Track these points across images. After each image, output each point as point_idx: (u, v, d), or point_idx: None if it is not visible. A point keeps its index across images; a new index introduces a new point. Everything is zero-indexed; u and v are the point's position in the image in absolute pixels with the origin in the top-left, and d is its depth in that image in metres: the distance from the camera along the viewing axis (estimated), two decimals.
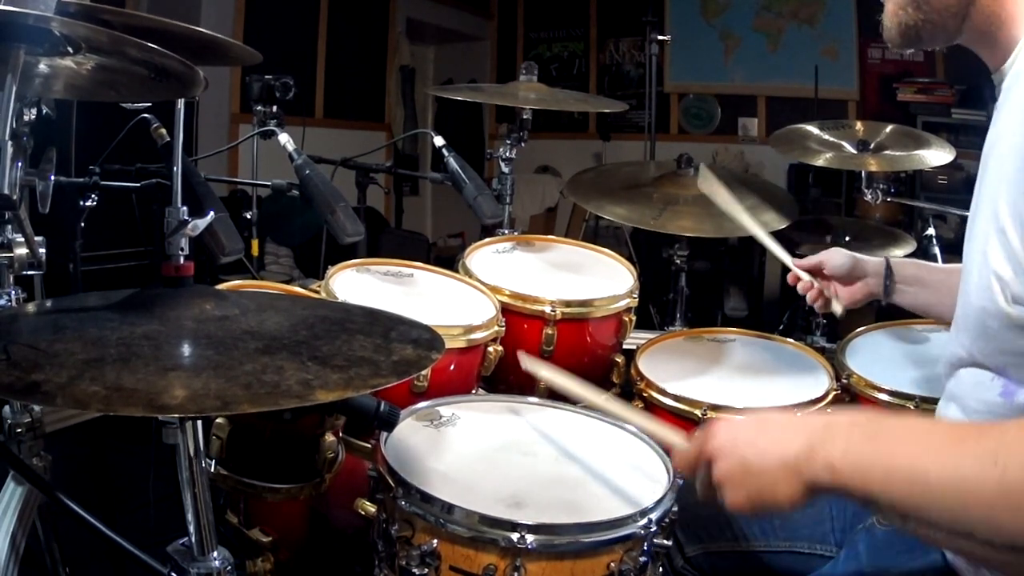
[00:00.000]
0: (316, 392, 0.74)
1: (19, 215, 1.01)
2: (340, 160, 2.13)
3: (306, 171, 1.52)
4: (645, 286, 1.86)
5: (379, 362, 0.84)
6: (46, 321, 0.90)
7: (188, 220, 1.10)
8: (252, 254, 2.68)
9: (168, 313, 0.86)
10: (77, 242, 1.67)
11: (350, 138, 4.74)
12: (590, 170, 2.35)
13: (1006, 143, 0.88)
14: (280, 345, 0.84)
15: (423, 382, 1.40)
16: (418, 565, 0.98)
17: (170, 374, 0.75)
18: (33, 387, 0.67)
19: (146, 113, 1.34)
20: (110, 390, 0.69)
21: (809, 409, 1.54)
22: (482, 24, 6.76)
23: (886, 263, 1.43)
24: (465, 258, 1.78)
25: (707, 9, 5.97)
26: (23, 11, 0.84)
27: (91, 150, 1.59)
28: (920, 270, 1.42)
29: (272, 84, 1.86)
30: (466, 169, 1.84)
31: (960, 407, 1.00)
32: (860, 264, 1.45)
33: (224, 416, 1.30)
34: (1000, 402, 0.91)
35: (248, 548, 1.32)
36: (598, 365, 1.76)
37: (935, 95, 4.91)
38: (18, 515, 1.12)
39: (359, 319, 1.00)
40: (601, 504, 1.07)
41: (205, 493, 0.89)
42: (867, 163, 2.25)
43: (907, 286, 1.41)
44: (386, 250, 3.39)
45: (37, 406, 1.20)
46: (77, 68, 0.99)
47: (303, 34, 5.05)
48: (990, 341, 0.91)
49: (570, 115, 6.36)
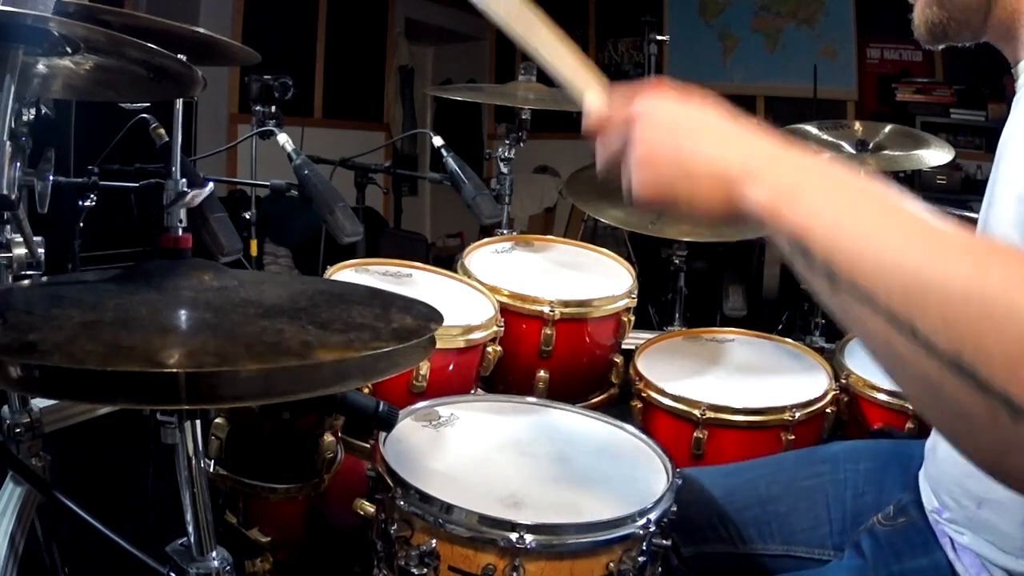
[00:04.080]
0: (316, 351, 0.72)
1: (18, 215, 1.01)
2: (339, 160, 2.13)
3: (305, 171, 1.52)
4: (644, 286, 1.86)
5: (379, 328, 0.83)
6: (43, 293, 0.89)
7: (187, 192, 1.09)
8: (251, 254, 2.68)
9: (166, 283, 0.85)
10: (76, 242, 1.67)
11: (349, 138, 4.74)
12: (589, 167, 2.34)
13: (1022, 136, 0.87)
14: (279, 312, 0.83)
15: (422, 382, 1.41)
16: (417, 565, 0.98)
17: (168, 334, 0.74)
18: (30, 347, 0.66)
19: (145, 113, 1.34)
20: (107, 348, 0.67)
21: (807, 410, 1.55)
22: (481, 24, 6.74)
23: None
24: (464, 258, 1.78)
25: (706, 9, 5.98)
26: (22, 11, 0.84)
27: (90, 150, 1.59)
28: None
29: (271, 84, 1.86)
30: (465, 169, 1.84)
31: None
32: None
33: (223, 415, 1.30)
34: None
35: (247, 548, 1.32)
36: (597, 365, 1.77)
37: (934, 95, 4.92)
38: (17, 515, 1.12)
39: (359, 294, 0.99)
40: (600, 504, 1.07)
41: (204, 493, 0.89)
42: (866, 163, 2.25)
43: None
44: (385, 250, 3.40)
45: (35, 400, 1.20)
46: (76, 68, 0.99)
47: (302, 34, 5.05)
48: None
49: (569, 115, 6.27)
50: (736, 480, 1.26)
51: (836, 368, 1.71)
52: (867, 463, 1.22)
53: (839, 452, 1.27)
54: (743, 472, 1.29)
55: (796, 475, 1.24)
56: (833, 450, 1.29)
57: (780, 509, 1.20)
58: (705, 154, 0.67)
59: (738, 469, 1.30)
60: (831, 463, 1.24)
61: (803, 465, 1.26)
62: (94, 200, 1.40)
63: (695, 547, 1.22)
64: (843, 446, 1.30)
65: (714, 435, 1.53)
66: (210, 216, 1.26)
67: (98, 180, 1.38)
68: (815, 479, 1.23)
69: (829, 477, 1.22)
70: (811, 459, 1.27)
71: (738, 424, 1.53)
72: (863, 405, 1.65)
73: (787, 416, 1.52)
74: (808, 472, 1.24)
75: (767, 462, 1.31)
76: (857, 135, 2.35)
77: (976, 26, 0.97)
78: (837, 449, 1.28)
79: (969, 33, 0.99)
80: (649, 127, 0.71)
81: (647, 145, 0.71)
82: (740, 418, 1.53)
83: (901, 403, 1.58)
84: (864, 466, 1.21)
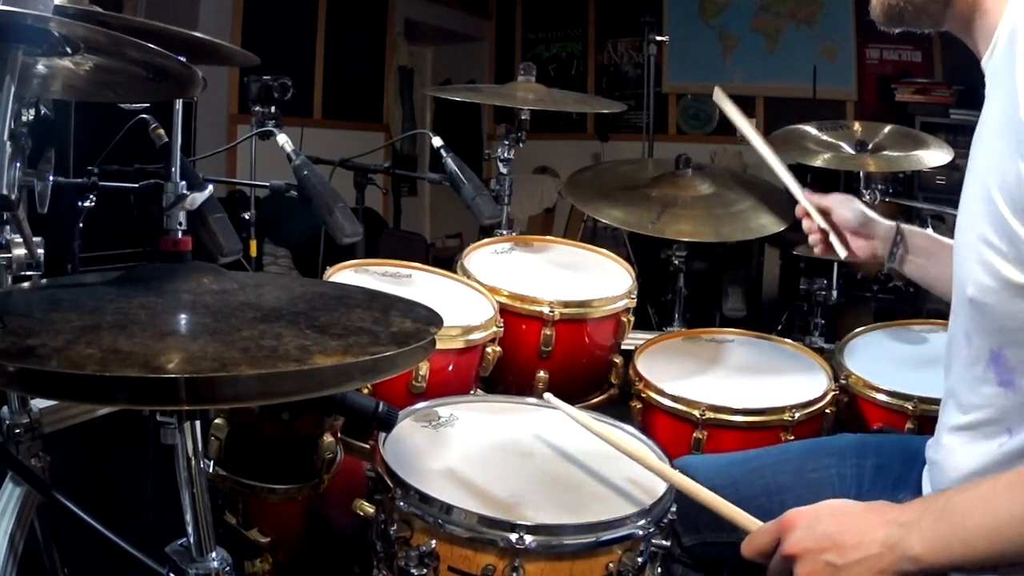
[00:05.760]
0: (315, 356, 0.73)
1: (17, 216, 1.01)
2: (338, 161, 2.13)
3: (304, 172, 1.52)
4: (643, 286, 1.86)
5: (378, 332, 0.83)
6: (42, 296, 0.89)
7: (186, 194, 1.09)
8: (250, 255, 2.67)
9: (165, 286, 0.85)
10: (75, 243, 1.67)
11: (348, 139, 4.73)
12: (588, 169, 2.35)
13: (990, 129, 0.90)
14: (278, 315, 0.83)
15: (421, 383, 1.41)
16: (416, 566, 0.99)
17: (167, 339, 0.74)
18: (28, 351, 0.66)
19: (144, 114, 1.34)
20: (106, 352, 0.67)
21: (807, 410, 1.55)
22: (480, 25, 6.76)
23: (897, 229, 1.37)
24: (463, 258, 1.78)
25: (705, 9, 5.98)
26: (22, 11, 0.84)
27: (89, 151, 1.58)
28: (932, 243, 1.36)
29: (270, 85, 1.86)
30: (464, 170, 1.83)
31: (956, 404, 1.00)
32: (871, 223, 1.39)
33: (223, 416, 1.30)
34: (999, 392, 0.91)
35: (247, 549, 1.32)
36: (596, 366, 1.77)
37: (933, 95, 4.91)
38: (17, 516, 1.12)
39: (359, 297, 0.99)
40: (599, 504, 1.07)
41: (204, 494, 0.89)
42: (865, 164, 2.26)
43: (916, 256, 1.36)
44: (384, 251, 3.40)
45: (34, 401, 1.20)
46: (75, 69, 0.99)
47: (301, 34, 5.05)
48: (987, 320, 0.91)
49: (568, 116, 6.35)
50: (741, 469, 1.26)
51: (835, 369, 1.71)
52: (874, 459, 1.22)
53: (846, 446, 1.26)
54: (748, 461, 1.28)
55: (803, 466, 1.24)
56: (840, 443, 1.28)
57: (786, 500, 1.20)
58: (851, 557, 0.83)
59: (743, 458, 1.30)
60: (838, 456, 1.24)
61: (810, 456, 1.26)
62: (93, 201, 1.40)
63: (697, 536, 1.22)
64: (850, 439, 1.30)
65: (713, 435, 1.53)
66: (209, 217, 1.26)
67: (98, 181, 1.37)
68: (822, 471, 1.23)
69: (836, 471, 1.22)
70: (818, 451, 1.27)
71: (737, 425, 1.53)
72: (862, 405, 1.66)
73: (786, 416, 1.52)
74: (815, 464, 1.24)
75: (772, 452, 1.31)
76: (856, 135, 2.35)
77: (934, 13, 0.99)
78: (844, 443, 1.28)
79: (927, 20, 1.00)
80: (805, 559, 0.85)
81: (807, 573, 0.85)
82: (739, 418, 1.53)
83: (900, 403, 1.58)
84: (871, 462, 1.22)
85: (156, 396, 0.71)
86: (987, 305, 0.91)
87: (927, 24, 1.01)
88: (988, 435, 0.94)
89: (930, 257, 1.35)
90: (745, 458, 1.30)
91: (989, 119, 0.92)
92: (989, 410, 0.94)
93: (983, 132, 0.94)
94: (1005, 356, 0.91)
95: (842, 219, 1.41)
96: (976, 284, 0.91)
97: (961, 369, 0.99)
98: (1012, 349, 0.90)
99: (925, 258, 1.35)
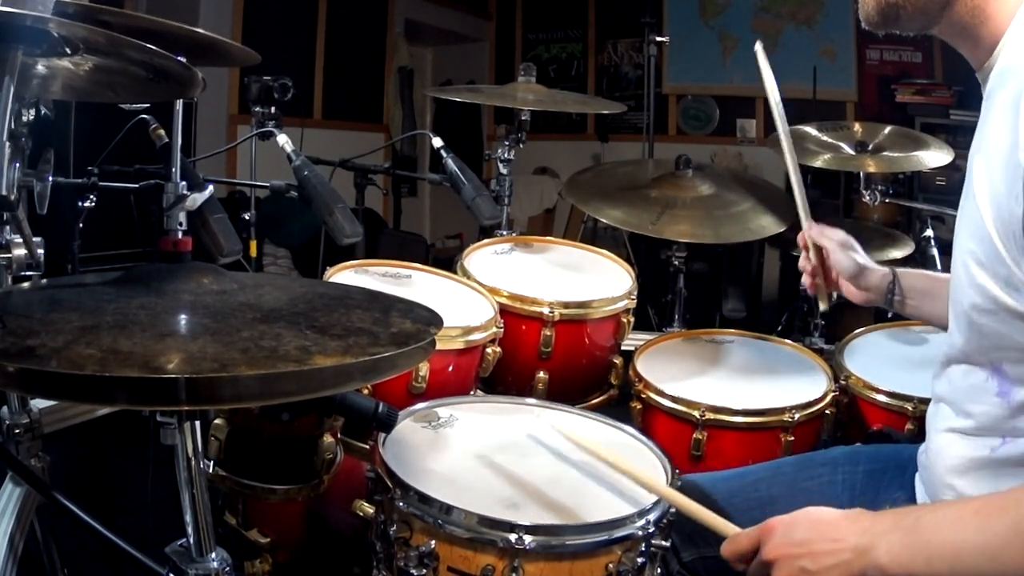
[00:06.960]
0: (314, 357, 0.73)
1: (17, 216, 1.01)
2: (338, 161, 2.13)
3: (304, 172, 1.52)
4: (643, 287, 1.86)
5: (377, 333, 0.83)
6: (42, 296, 0.89)
7: (186, 194, 1.09)
8: (250, 255, 2.67)
9: (165, 287, 0.85)
10: (75, 243, 1.67)
11: (348, 139, 4.74)
12: (588, 170, 2.35)
13: (991, 146, 0.88)
14: (278, 316, 0.83)
15: (421, 383, 1.41)
16: (416, 566, 0.99)
17: (167, 339, 0.74)
18: (28, 351, 0.66)
19: (144, 114, 1.34)
20: (106, 353, 0.68)
21: (807, 411, 1.55)
22: (480, 25, 6.76)
23: (893, 276, 1.37)
24: (463, 259, 1.78)
25: (705, 10, 5.98)
26: (21, 12, 0.84)
27: (89, 151, 1.58)
28: (928, 281, 1.36)
29: (271, 85, 1.86)
30: (464, 170, 1.83)
31: (953, 410, 1.00)
32: (865, 274, 1.39)
33: (223, 416, 1.30)
34: (997, 402, 0.92)
35: (246, 549, 1.32)
36: (596, 366, 1.77)
37: (933, 96, 4.91)
38: (16, 516, 1.12)
39: (359, 297, 0.99)
40: (599, 505, 1.07)
41: (203, 494, 0.89)
42: (865, 164, 2.25)
43: (913, 299, 1.36)
44: (384, 251, 3.39)
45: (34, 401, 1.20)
46: (75, 69, 0.99)
47: (302, 35, 5.05)
48: (984, 338, 0.92)
49: (568, 116, 6.35)
50: (736, 484, 1.27)
51: (835, 369, 1.71)
52: (865, 465, 1.23)
53: (838, 456, 1.27)
54: (743, 476, 1.29)
55: (796, 478, 1.25)
56: (833, 454, 1.29)
57: (779, 510, 1.20)
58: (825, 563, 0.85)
59: (738, 474, 1.31)
60: (830, 466, 1.25)
61: (802, 468, 1.27)
62: (93, 201, 1.40)
63: (696, 550, 1.22)
64: (843, 450, 1.30)
65: (713, 436, 1.53)
66: (209, 217, 1.26)
67: (97, 181, 1.37)
68: (814, 481, 1.24)
69: (828, 479, 1.23)
70: (811, 463, 1.28)
71: (737, 425, 1.53)
72: (862, 406, 1.66)
73: (786, 417, 1.52)
74: (807, 475, 1.25)
75: (767, 466, 1.32)
76: (856, 136, 2.35)
77: (932, 14, 0.96)
78: (837, 453, 1.29)
79: (922, 21, 0.97)
80: (781, 564, 0.88)
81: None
82: (739, 419, 1.53)
83: (900, 404, 1.58)
84: (863, 468, 1.22)
85: (156, 396, 0.71)
86: (984, 324, 0.91)
87: (919, 25, 0.98)
88: (982, 439, 0.95)
89: (927, 296, 1.35)
90: (740, 473, 1.31)
91: (990, 140, 0.89)
92: (985, 418, 0.94)
93: (982, 147, 0.92)
94: (1004, 369, 0.92)
95: (838, 264, 1.41)
96: (972, 304, 0.92)
97: (959, 376, 0.99)
98: (1010, 364, 0.91)
99: (922, 299, 1.36)
